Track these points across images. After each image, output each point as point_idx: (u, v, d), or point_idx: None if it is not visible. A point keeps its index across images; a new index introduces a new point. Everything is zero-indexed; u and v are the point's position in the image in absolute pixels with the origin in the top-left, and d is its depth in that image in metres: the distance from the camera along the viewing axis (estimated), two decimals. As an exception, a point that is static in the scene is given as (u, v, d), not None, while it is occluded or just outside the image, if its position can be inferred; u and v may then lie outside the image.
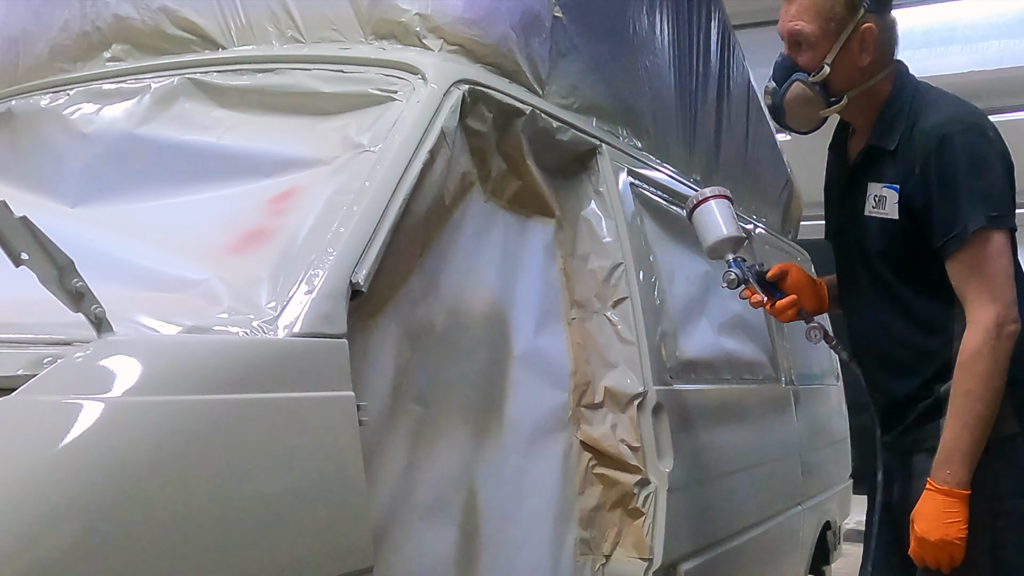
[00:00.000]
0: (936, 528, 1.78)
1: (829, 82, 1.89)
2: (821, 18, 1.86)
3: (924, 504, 1.81)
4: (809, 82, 1.90)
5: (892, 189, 1.88)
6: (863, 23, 1.86)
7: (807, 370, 3.74)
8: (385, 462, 1.46)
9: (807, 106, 1.92)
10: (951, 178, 1.80)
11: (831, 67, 1.87)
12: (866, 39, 1.87)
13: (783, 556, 3.19)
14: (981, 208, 1.78)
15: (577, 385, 2.04)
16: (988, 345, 1.76)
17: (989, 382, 1.77)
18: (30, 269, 1.06)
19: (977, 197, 1.78)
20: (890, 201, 1.89)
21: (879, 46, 1.90)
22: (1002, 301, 1.77)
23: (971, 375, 1.78)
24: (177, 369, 1.14)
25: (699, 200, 2.09)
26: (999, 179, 1.81)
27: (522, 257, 1.95)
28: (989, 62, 7.41)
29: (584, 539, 1.98)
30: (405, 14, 1.90)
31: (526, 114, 1.93)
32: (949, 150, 1.80)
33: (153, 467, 1.05)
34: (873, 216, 1.92)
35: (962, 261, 1.80)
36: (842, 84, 1.90)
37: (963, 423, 1.78)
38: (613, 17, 2.48)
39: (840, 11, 1.86)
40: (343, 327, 1.35)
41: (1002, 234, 1.79)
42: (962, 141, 1.80)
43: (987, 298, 1.77)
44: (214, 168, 1.73)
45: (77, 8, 2.20)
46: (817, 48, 1.88)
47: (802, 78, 1.90)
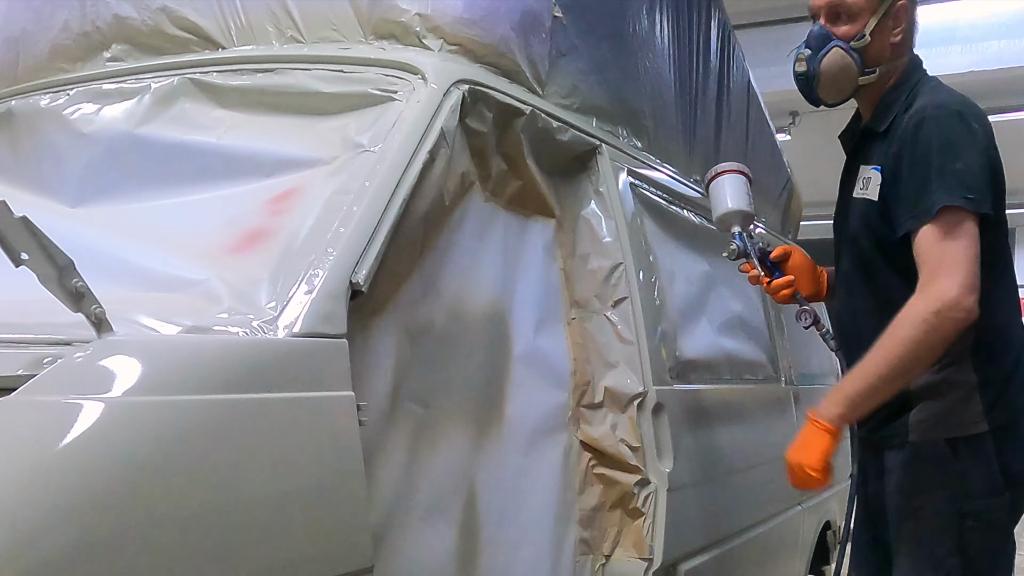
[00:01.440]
0: (794, 451, 1.87)
1: (866, 52, 1.91)
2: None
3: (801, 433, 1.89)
4: (849, 48, 1.91)
5: (876, 170, 1.89)
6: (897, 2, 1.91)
7: (807, 370, 3.74)
8: (385, 462, 1.46)
9: (843, 74, 1.93)
10: (922, 158, 1.80)
11: (870, 37, 1.90)
12: (899, 15, 1.92)
13: (783, 556, 3.19)
14: (952, 189, 1.75)
15: (577, 385, 2.04)
16: (925, 316, 1.71)
17: (909, 350, 1.73)
18: (30, 269, 1.06)
19: (948, 177, 1.76)
20: (873, 182, 1.89)
21: (908, 26, 1.95)
22: (957, 279, 1.71)
23: (893, 335, 1.75)
24: (177, 369, 1.14)
25: (716, 173, 2.16)
26: (974, 165, 1.78)
27: (522, 257, 1.95)
28: (989, 62, 7.41)
29: (584, 539, 1.98)
30: (405, 14, 1.90)
31: (526, 114, 1.93)
32: (924, 132, 1.81)
33: (153, 467, 1.05)
34: (858, 197, 1.93)
35: (925, 235, 1.76)
36: (877, 56, 1.93)
37: (862, 369, 1.79)
38: (613, 17, 2.48)
39: None
40: (343, 327, 1.35)
41: (971, 218, 1.75)
42: (938, 124, 1.81)
43: (943, 271, 1.73)
44: (214, 168, 1.73)
45: (77, 8, 2.20)
46: (858, 18, 1.90)
47: (842, 45, 1.91)
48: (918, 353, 1.74)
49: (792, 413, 3.33)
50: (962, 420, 1.84)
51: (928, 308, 1.72)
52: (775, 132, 4.23)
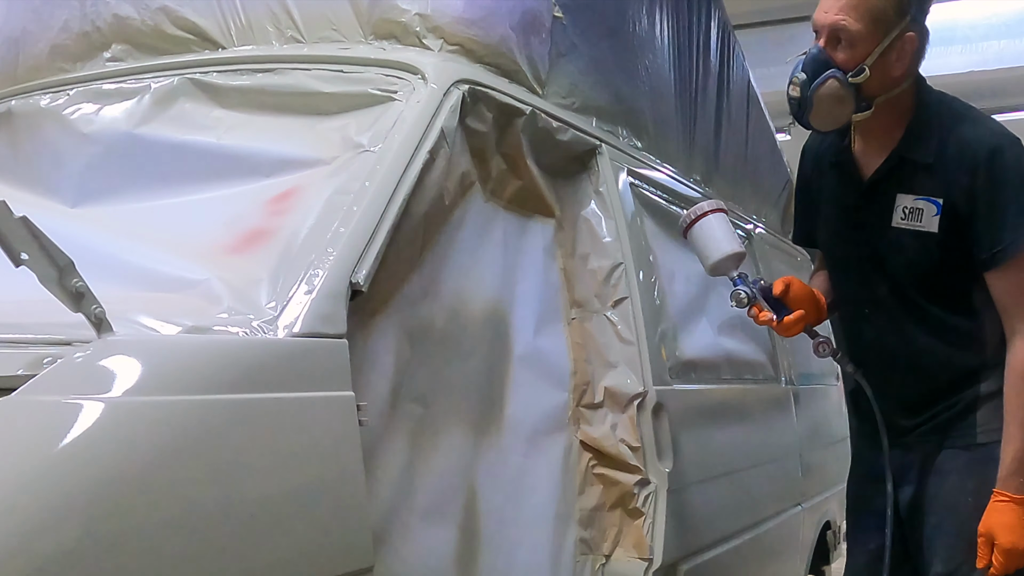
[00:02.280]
0: (1006, 533, 1.78)
1: (864, 87, 1.82)
2: (869, 17, 1.78)
3: (1003, 516, 1.80)
4: (847, 82, 1.81)
5: (930, 202, 1.85)
6: (907, 31, 1.81)
7: (807, 370, 3.74)
8: (385, 462, 1.46)
9: (837, 105, 1.84)
10: (1000, 191, 1.79)
11: (870, 71, 1.80)
12: (905, 49, 1.82)
13: (783, 556, 3.19)
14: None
15: (577, 385, 2.04)
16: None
17: None
18: (30, 269, 1.06)
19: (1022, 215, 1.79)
20: (927, 214, 1.85)
21: (913, 58, 1.85)
22: None
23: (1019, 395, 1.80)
24: (177, 369, 1.14)
25: (696, 216, 1.99)
26: None
27: (522, 257, 1.95)
28: (989, 62, 7.41)
29: (584, 539, 1.98)
30: (405, 14, 1.90)
31: (526, 114, 1.93)
32: (1000, 163, 1.79)
33: (153, 467, 1.05)
34: (903, 228, 1.88)
35: (1008, 273, 1.80)
36: (875, 90, 1.83)
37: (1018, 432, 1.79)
38: (613, 17, 2.48)
39: (890, 15, 1.79)
40: (343, 327, 1.35)
41: None
42: (1013, 155, 1.80)
43: None
44: (214, 168, 1.73)
45: (77, 8, 2.20)
46: (858, 48, 1.80)
47: (839, 76, 1.81)
48: None
49: (792, 413, 3.33)
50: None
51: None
52: (775, 132, 4.23)
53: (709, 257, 1.97)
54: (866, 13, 1.78)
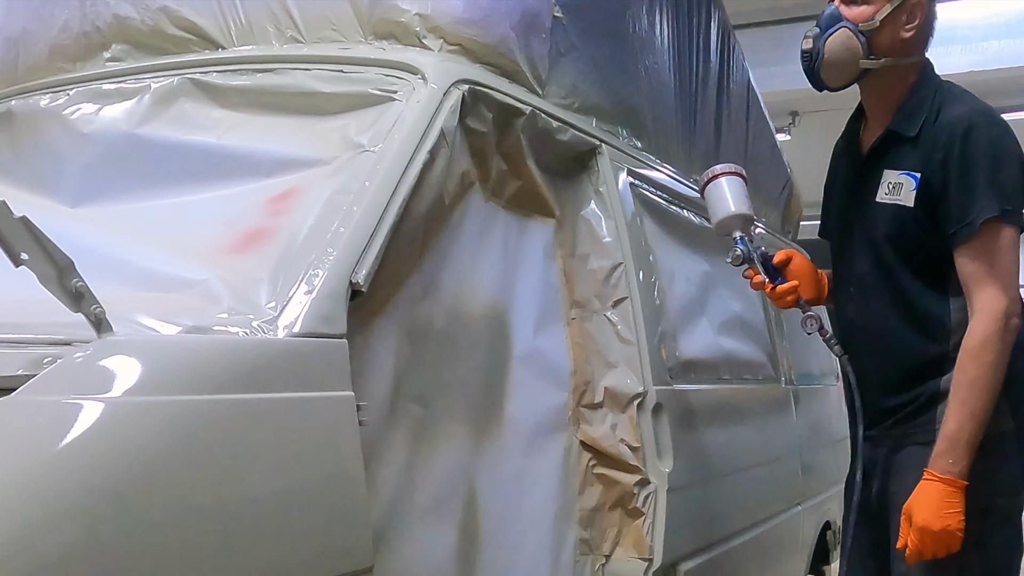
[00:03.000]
0: (938, 518, 1.76)
1: (874, 38, 1.91)
2: None
3: (923, 494, 1.79)
4: (857, 31, 1.90)
5: (910, 176, 1.89)
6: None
7: (807, 370, 3.74)
8: (385, 462, 1.46)
9: (847, 54, 1.92)
10: (971, 167, 1.82)
11: (880, 24, 1.90)
12: (915, 12, 1.92)
13: (783, 556, 3.19)
14: (996, 200, 1.79)
15: (577, 385, 2.04)
16: (997, 334, 1.78)
17: (995, 372, 1.79)
18: (30, 269, 1.06)
19: (994, 189, 1.80)
20: (906, 188, 1.89)
21: (922, 25, 1.94)
22: (1010, 294, 1.79)
23: (978, 364, 1.79)
24: (177, 369, 1.14)
25: (712, 175, 2.10)
26: (1016, 175, 1.83)
27: (522, 257, 1.95)
28: (989, 62, 7.41)
29: (584, 539, 1.98)
30: (405, 14, 1.90)
31: (526, 114, 1.93)
32: (974, 140, 1.82)
33: (153, 467, 1.05)
34: (885, 202, 1.92)
35: (972, 249, 1.82)
36: (884, 46, 1.92)
37: (968, 412, 1.78)
38: (613, 17, 2.48)
39: None
40: (343, 327, 1.35)
41: (1012, 229, 1.82)
42: (988, 133, 1.83)
43: (997, 288, 1.79)
44: (214, 168, 1.73)
45: (77, 8, 2.20)
46: (870, 4, 1.90)
47: (850, 26, 1.91)
48: (1000, 373, 1.80)
49: (792, 413, 3.33)
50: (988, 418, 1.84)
51: (993, 329, 1.78)
52: (775, 132, 4.23)
53: (715, 215, 2.08)
54: None
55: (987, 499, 1.83)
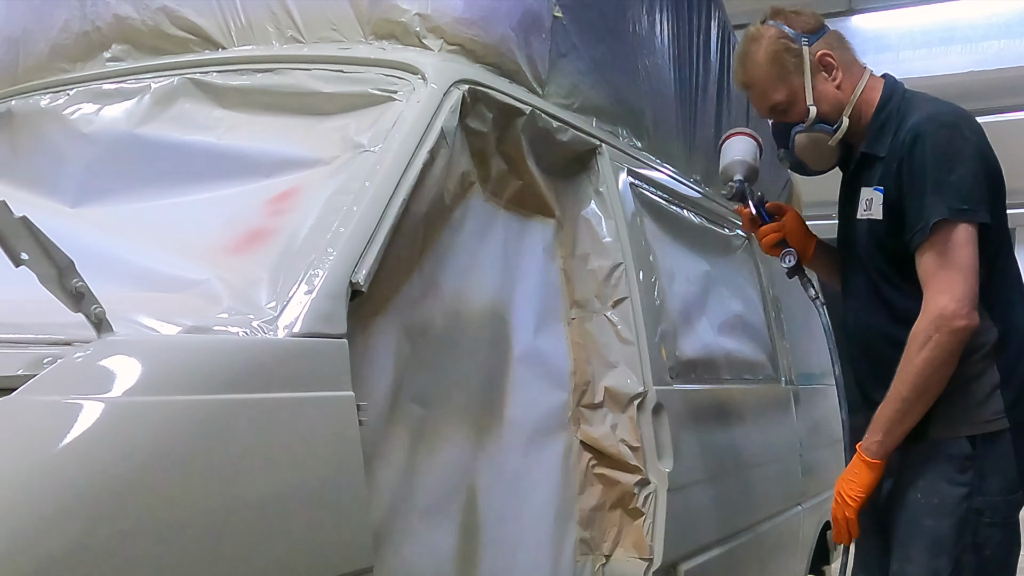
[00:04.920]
0: (842, 480, 1.93)
1: (821, 116, 2.00)
2: (779, 81, 2.00)
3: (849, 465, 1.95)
4: (807, 128, 2.01)
5: (878, 191, 1.94)
6: (813, 55, 1.99)
7: (807, 370, 3.74)
8: (385, 462, 1.46)
9: (818, 145, 2.03)
10: (920, 173, 1.85)
11: (816, 104, 1.99)
12: (825, 63, 2.00)
13: (783, 556, 3.18)
14: (946, 201, 1.81)
15: (577, 385, 2.04)
16: (929, 335, 1.80)
17: (923, 370, 1.81)
18: (30, 269, 1.06)
19: (943, 190, 1.82)
20: (876, 202, 1.94)
21: (841, 63, 2.00)
22: (953, 293, 1.80)
23: (908, 360, 1.83)
24: (177, 369, 1.14)
25: (727, 135, 2.31)
26: (969, 174, 1.83)
27: (522, 257, 1.95)
28: (989, 62, 7.40)
29: (584, 539, 1.98)
30: (405, 14, 1.90)
31: (526, 114, 1.93)
32: (920, 147, 1.85)
33: (153, 467, 1.05)
34: (863, 219, 1.98)
35: (924, 252, 1.84)
36: (833, 112, 2.00)
37: (896, 397, 1.86)
38: (613, 17, 2.48)
39: (789, 62, 1.99)
40: (343, 327, 1.35)
41: (967, 227, 1.82)
42: (933, 138, 1.85)
43: (940, 287, 1.81)
44: (214, 168, 1.73)
45: (77, 8, 2.20)
46: (795, 102, 2.00)
47: (800, 129, 2.02)
48: (932, 371, 1.82)
49: (792, 413, 3.33)
50: (983, 417, 1.87)
51: (930, 327, 1.81)
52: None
53: (722, 161, 2.26)
54: (775, 80, 2.00)
55: (982, 499, 1.86)
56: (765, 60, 2.00)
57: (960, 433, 1.88)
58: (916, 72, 7.20)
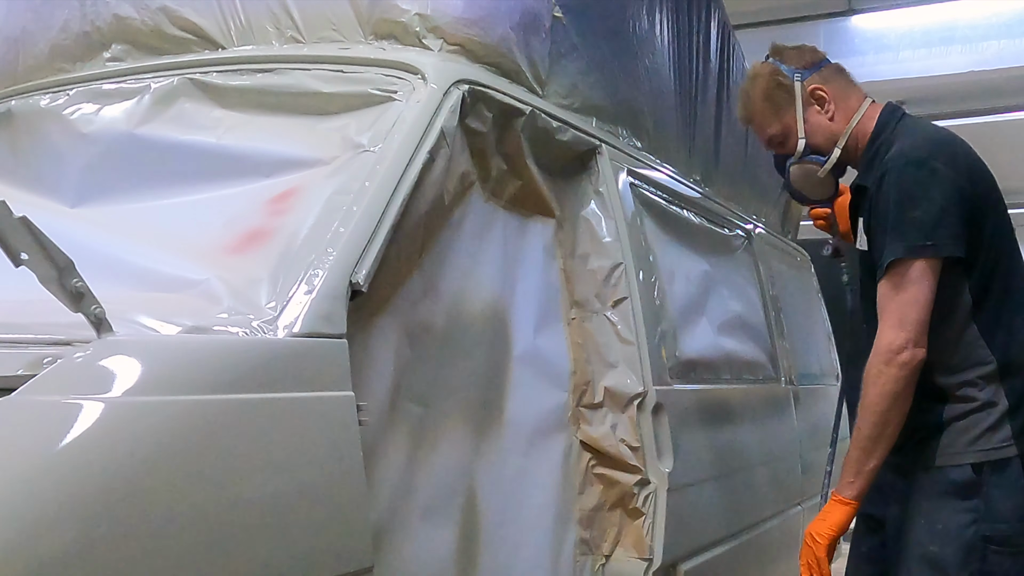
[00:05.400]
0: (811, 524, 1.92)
1: (813, 148, 2.04)
2: (773, 115, 2.05)
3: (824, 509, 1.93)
4: (798, 160, 2.06)
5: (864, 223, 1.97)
6: (805, 89, 2.03)
7: (807, 370, 3.74)
8: (385, 462, 1.46)
9: (810, 176, 2.07)
10: (883, 211, 1.86)
11: (805, 137, 2.03)
12: (817, 96, 2.03)
13: (783, 556, 3.18)
14: (905, 238, 1.81)
15: (577, 385, 2.04)
16: (879, 369, 1.81)
17: (878, 406, 1.82)
18: (30, 269, 1.06)
19: (903, 228, 1.82)
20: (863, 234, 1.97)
21: (835, 96, 2.03)
22: (901, 327, 1.80)
23: (864, 397, 1.84)
24: (177, 369, 1.14)
25: None
26: (936, 208, 1.81)
27: (522, 257, 1.95)
28: (989, 62, 7.39)
29: (584, 539, 1.98)
30: (405, 14, 1.90)
31: (526, 114, 1.93)
32: (886, 184, 1.86)
33: (153, 467, 1.05)
34: (862, 250, 1.99)
35: (882, 287, 1.85)
36: (826, 144, 2.04)
37: (855, 438, 1.87)
38: (613, 17, 2.48)
39: (781, 96, 2.04)
40: (343, 327, 1.35)
41: (925, 262, 1.80)
42: (897, 176, 1.85)
43: (890, 322, 1.82)
44: (214, 168, 1.73)
45: (77, 8, 2.20)
46: (789, 135, 2.05)
47: (793, 161, 2.07)
48: (887, 405, 1.82)
49: (792, 413, 3.33)
50: (990, 445, 1.86)
51: (878, 362, 1.82)
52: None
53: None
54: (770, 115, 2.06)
55: (989, 526, 1.83)
56: (759, 96, 2.06)
57: (965, 460, 1.86)
58: (916, 72, 7.20)
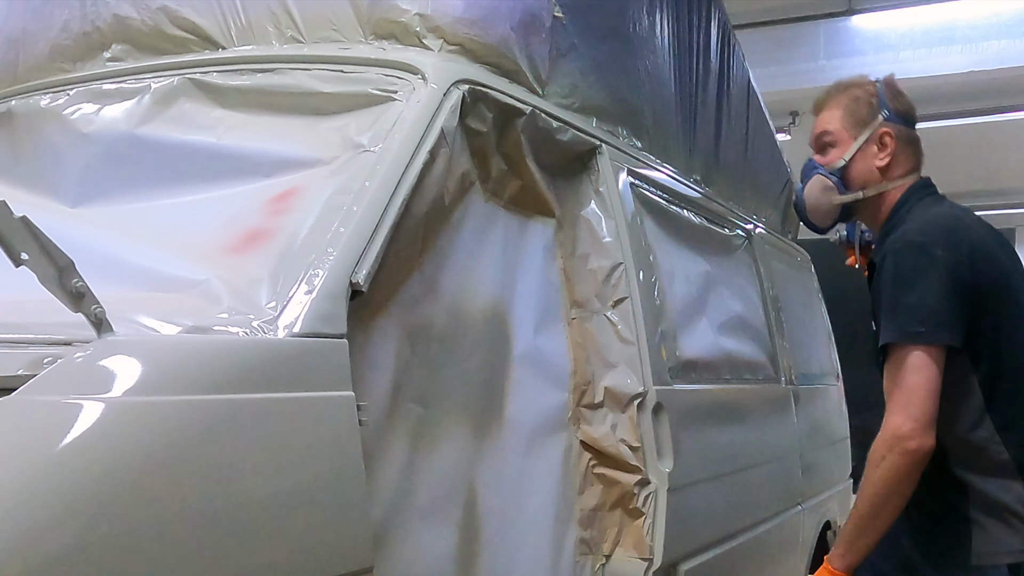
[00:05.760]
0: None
1: (846, 174, 2.05)
2: (844, 119, 2.06)
3: None
4: (827, 172, 2.07)
5: None
6: (882, 127, 2.03)
7: (807, 370, 3.74)
8: (385, 462, 1.46)
9: (824, 194, 2.08)
10: (882, 293, 1.86)
11: (848, 161, 2.04)
12: (884, 141, 2.03)
13: (783, 556, 3.19)
14: (900, 324, 1.81)
15: (577, 385, 2.04)
16: (883, 455, 1.79)
17: (878, 490, 1.80)
18: (30, 269, 1.06)
19: (898, 312, 1.82)
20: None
21: (897, 152, 2.02)
22: (907, 414, 1.78)
23: (866, 477, 1.83)
24: (177, 369, 1.14)
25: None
26: (931, 295, 1.80)
27: (522, 257, 1.95)
28: (989, 62, 7.40)
29: (584, 539, 1.98)
30: (405, 14, 1.90)
31: (526, 114, 1.93)
32: (886, 266, 1.87)
33: (153, 467, 1.05)
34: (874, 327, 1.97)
35: (885, 374, 1.85)
36: (859, 179, 2.04)
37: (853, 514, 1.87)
38: (613, 17, 2.48)
39: (863, 113, 2.04)
40: (343, 327, 1.35)
41: (923, 350, 1.79)
42: (897, 258, 1.85)
43: (895, 408, 1.80)
44: (214, 168, 1.73)
45: (77, 8, 2.20)
46: (839, 146, 2.06)
47: (822, 171, 2.08)
48: (887, 491, 1.81)
49: (792, 413, 3.33)
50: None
51: (884, 447, 1.80)
52: (775, 132, 4.23)
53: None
54: (841, 117, 2.07)
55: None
56: (846, 98, 2.07)
57: (1001, 561, 1.84)
58: (916, 72, 7.21)
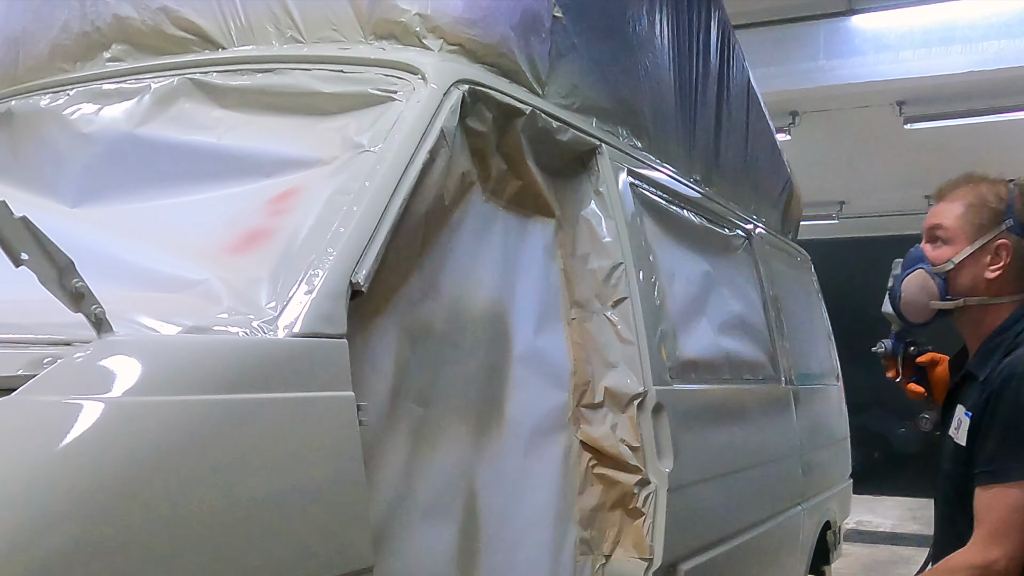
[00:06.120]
0: None
1: (951, 279, 1.92)
2: (964, 219, 1.92)
3: None
4: (932, 272, 1.93)
5: (967, 416, 1.88)
6: (1001, 237, 1.89)
7: (807, 370, 3.74)
8: (385, 462, 1.46)
9: (921, 293, 1.95)
10: (997, 417, 1.78)
11: (956, 264, 1.91)
12: (999, 252, 1.90)
13: (783, 556, 3.19)
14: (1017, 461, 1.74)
15: (577, 385, 2.04)
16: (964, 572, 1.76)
17: None
18: (30, 269, 1.06)
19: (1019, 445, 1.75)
20: (963, 426, 1.88)
21: (1010, 266, 1.91)
22: (1005, 550, 1.74)
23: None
24: (177, 369, 1.14)
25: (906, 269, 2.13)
26: None
27: (522, 257, 1.95)
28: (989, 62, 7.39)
29: (584, 539, 1.98)
30: (405, 14, 1.90)
31: (526, 114, 1.93)
32: (1008, 391, 1.78)
33: (153, 467, 1.05)
34: (950, 437, 1.91)
35: (991, 494, 1.77)
36: (963, 286, 1.92)
37: None
38: (613, 17, 2.48)
39: (984, 218, 1.90)
40: (343, 327, 1.35)
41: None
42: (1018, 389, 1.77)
43: (995, 540, 1.75)
44: (214, 168, 1.73)
45: (77, 8, 2.20)
46: (950, 244, 1.92)
47: (926, 268, 1.94)
48: None
49: (792, 413, 3.33)
50: None
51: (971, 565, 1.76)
52: (775, 132, 4.23)
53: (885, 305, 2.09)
54: (961, 215, 1.92)
55: None
56: (972, 194, 1.94)
57: None
58: (916, 72, 7.20)
